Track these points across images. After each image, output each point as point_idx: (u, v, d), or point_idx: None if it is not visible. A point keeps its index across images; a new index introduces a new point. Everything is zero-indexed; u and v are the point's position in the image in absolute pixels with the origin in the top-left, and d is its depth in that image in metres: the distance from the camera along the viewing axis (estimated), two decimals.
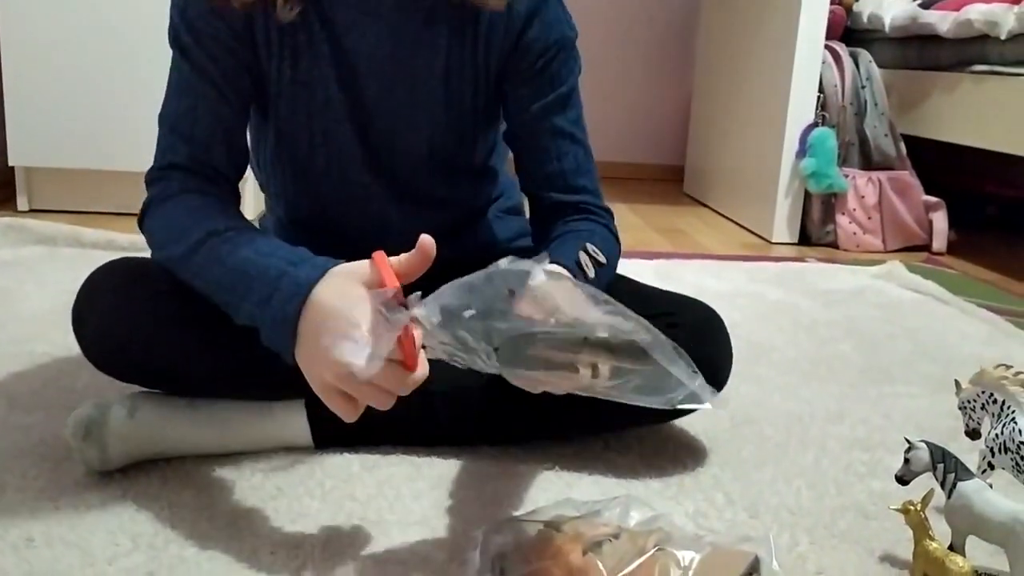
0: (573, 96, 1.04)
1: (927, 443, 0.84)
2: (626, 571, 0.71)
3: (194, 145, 0.96)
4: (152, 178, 0.97)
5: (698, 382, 0.70)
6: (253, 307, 0.83)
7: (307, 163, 1.04)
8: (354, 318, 0.75)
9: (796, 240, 2.48)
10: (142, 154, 1.04)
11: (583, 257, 0.95)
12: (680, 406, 0.71)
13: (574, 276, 0.91)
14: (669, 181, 3.52)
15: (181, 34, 0.95)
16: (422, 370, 0.76)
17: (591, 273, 0.94)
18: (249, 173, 1.10)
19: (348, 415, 0.78)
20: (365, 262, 0.80)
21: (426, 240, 0.78)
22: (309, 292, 0.80)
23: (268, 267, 0.84)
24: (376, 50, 0.98)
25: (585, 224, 1.03)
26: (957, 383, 0.96)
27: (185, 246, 0.89)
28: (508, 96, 1.03)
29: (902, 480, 0.85)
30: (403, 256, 0.79)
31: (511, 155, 1.11)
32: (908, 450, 0.85)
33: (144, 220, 0.97)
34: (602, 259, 0.97)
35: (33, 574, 0.77)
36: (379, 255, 0.80)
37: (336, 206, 1.09)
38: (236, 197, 1.01)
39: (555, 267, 0.84)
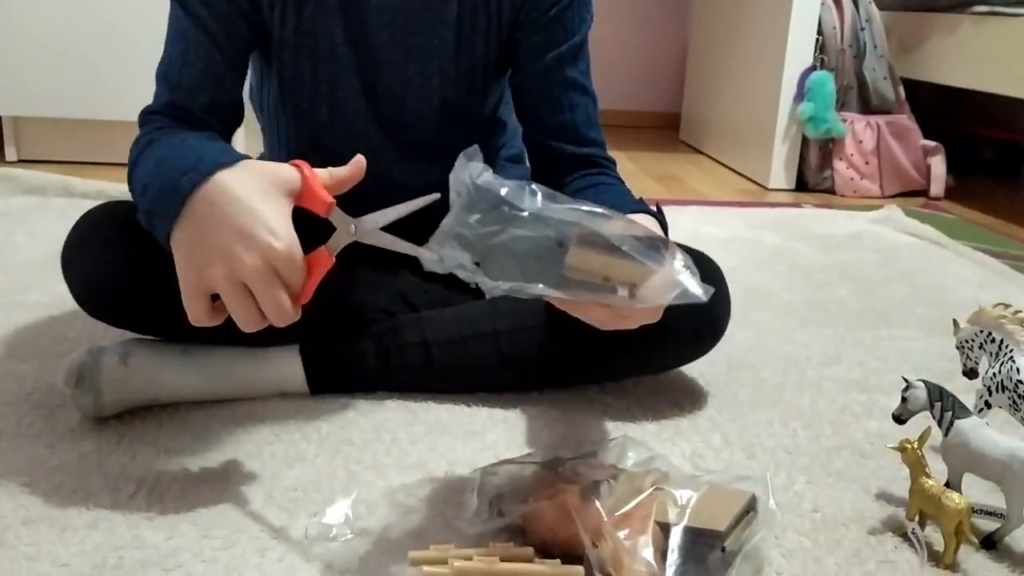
0: (584, 47, 1.03)
1: (924, 382, 0.84)
2: (623, 510, 0.71)
3: (179, 92, 0.94)
4: (139, 124, 0.95)
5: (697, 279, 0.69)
6: (151, 176, 0.78)
7: (310, 113, 1.02)
8: (268, 220, 0.71)
9: (793, 186, 2.46)
10: (133, 103, 1.01)
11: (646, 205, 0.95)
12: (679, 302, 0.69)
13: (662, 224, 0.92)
14: (665, 128, 3.48)
15: None
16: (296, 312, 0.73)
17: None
18: (248, 115, 1.08)
19: (202, 318, 0.74)
20: (289, 167, 0.76)
21: (360, 159, 0.77)
22: (214, 171, 0.74)
23: (185, 152, 0.79)
24: (386, 0, 0.96)
25: (606, 178, 1.02)
26: (955, 322, 0.96)
27: (135, 153, 0.87)
28: (520, 45, 1.01)
29: (899, 419, 0.85)
30: (332, 169, 0.76)
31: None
32: (905, 389, 0.85)
33: (130, 171, 0.95)
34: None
35: (31, 520, 0.77)
36: (303, 164, 0.75)
37: (338, 157, 1.07)
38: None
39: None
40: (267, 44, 0.98)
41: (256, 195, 0.73)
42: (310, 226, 0.77)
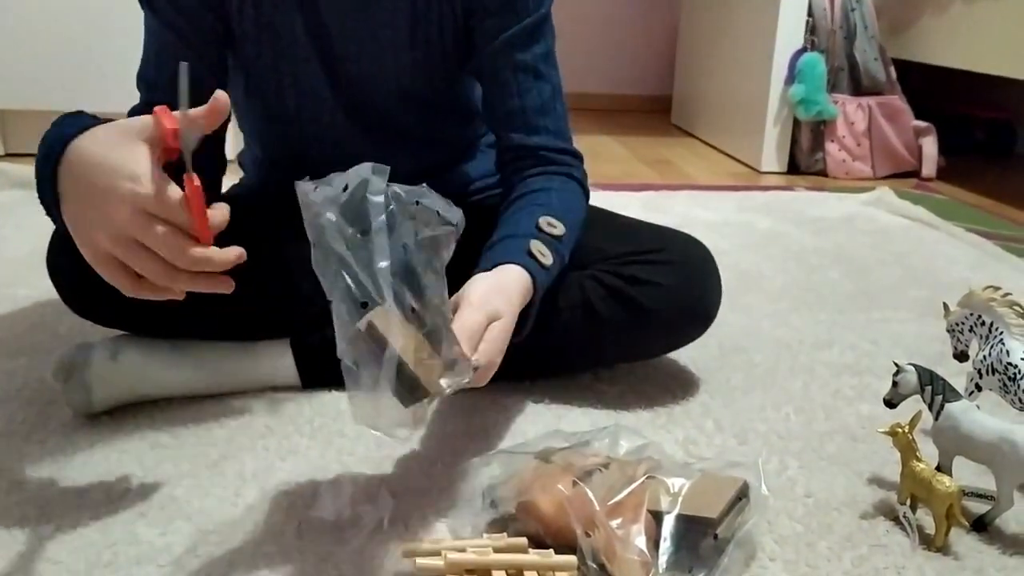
0: (542, 28, 0.99)
1: (915, 366, 0.84)
2: (616, 499, 0.71)
3: (155, 91, 0.94)
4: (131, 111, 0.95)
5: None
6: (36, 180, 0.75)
7: (277, 106, 1.02)
8: (126, 168, 0.67)
9: (785, 169, 2.46)
10: (122, 96, 1.00)
11: (536, 246, 0.88)
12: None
13: (533, 274, 0.86)
14: (657, 112, 3.48)
15: None
16: (224, 253, 0.68)
17: (547, 260, 0.89)
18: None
19: (127, 287, 0.70)
20: (145, 116, 0.72)
21: (220, 95, 0.69)
22: (66, 145, 0.71)
23: (55, 133, 0.75)
24: None
25: (542, 181, 0.98)
26: (945, 306, 0.96)
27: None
28: (475, 30, 0.99)
29: (890, 403, 0.86)
30: (192, 109, 0.70)
31: None
32: (896, 373, 0.85)
33: None
34: (560, 231, 0.92)
35: (26, 517, 0.77)
36: (160, 108, 0.71)
37: (311, 147, 1.06)
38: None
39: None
40: (231, 38, 0.97)
41: (111, 152, 0.70)
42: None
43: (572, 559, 0.69)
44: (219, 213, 0.68)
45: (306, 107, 1.01)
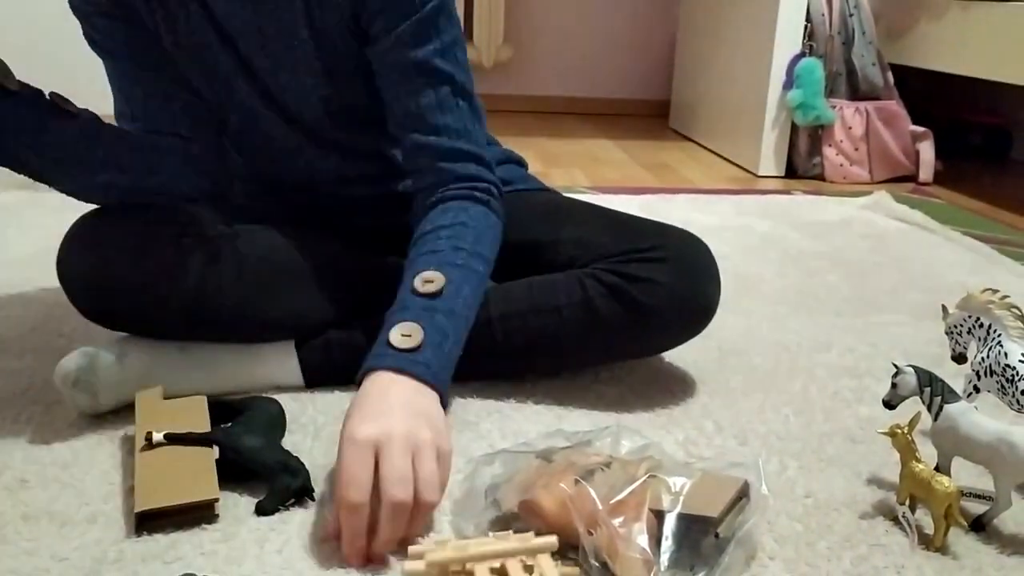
0: (435, 22, 0.93)
1: (914, 367, 0.85)
2: (618, 498, 0.72)
3: (143, 122, 0.95)
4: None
5: None
6: None
7: (227, 124, 1.02)
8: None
9: (783, 173, 2.47)
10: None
11: (399, 330, 0.84)
12: None
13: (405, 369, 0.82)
14: (654, 116, 3.49)
15: (81, 23, 0.98)
16: None
17: (412, 343, 0.83)
18: None
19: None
20: None
21: None
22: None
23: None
24: (239, 11, 0.94)
25: (437, 215, 0.93)
26: (944, 308, 0.97)
27: None
28: (368, 31, 0.95)
29: (889, 404, 0.86)
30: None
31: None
32: (895, 374, 0.86)
33: None
34: (435, 286, 0.87)
35: (29, 515, 0.77)
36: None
37: (264, 161, 1.07)
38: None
39: None
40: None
41: None
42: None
43: (552, 539, 0.69)
44: None
45: (248, 122, 1.03)
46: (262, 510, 0.79)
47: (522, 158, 1.27)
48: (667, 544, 0.70)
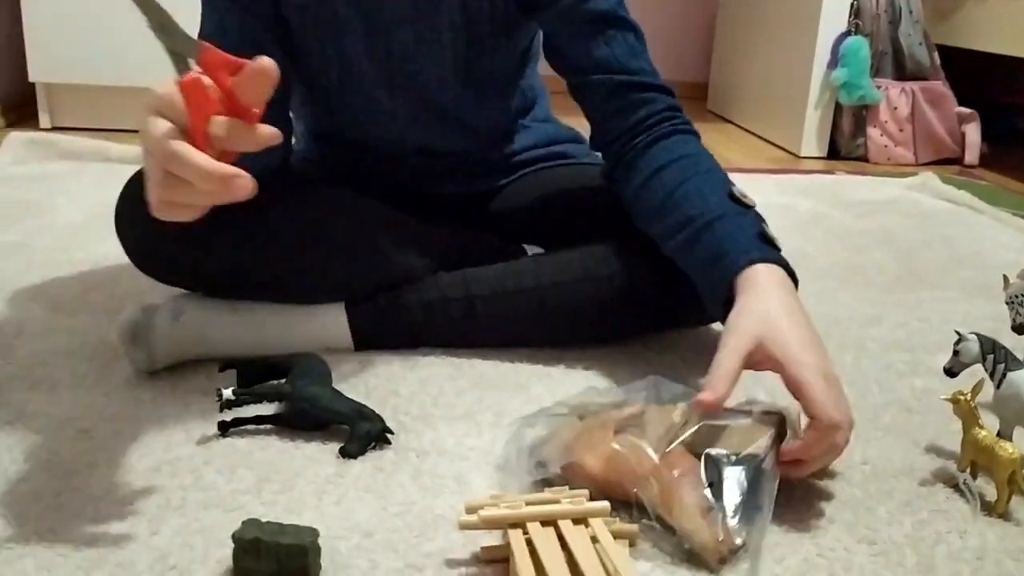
0: None
1: (977, 334, 0.84)
2: (669, 449, 0.71)
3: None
4: None
5: None
6: None
7: (321, 80, 1.02)
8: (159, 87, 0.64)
9: (825, 154, 2.44)
10: (166, 69, 1.02)
11: (759, 227, 0.91)
12: None
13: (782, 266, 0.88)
14: (693, 99, 3.46)
15: None
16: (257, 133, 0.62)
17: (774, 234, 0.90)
18: None
19: (152, 201, 0.64)
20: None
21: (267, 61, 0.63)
22: None
23: None
24: None
25: (680, 139, 0.98)
26: (1005, 278, 0.95)
27: None
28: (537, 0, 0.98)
29: (951, 372, 0.85)
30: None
31: (542, 61, 1.09)
32: (958, 342, 0.84)
33: None
34: (750, 200, 0.93)
35: (95, 464, 0.79)
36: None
37: (353, 123, 1.07)
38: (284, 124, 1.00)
39: None
40: (279, 10, 0.98)
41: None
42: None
43: (604, 505, 0.69)
44: (264, 130, 0.63)
45: (348, 82, 1.02)
46: (347, 453, 0.81)
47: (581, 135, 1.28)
48: (730, 488, 0.69)
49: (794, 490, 0.79)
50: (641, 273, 1.01)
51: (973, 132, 2.44)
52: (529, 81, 1.17)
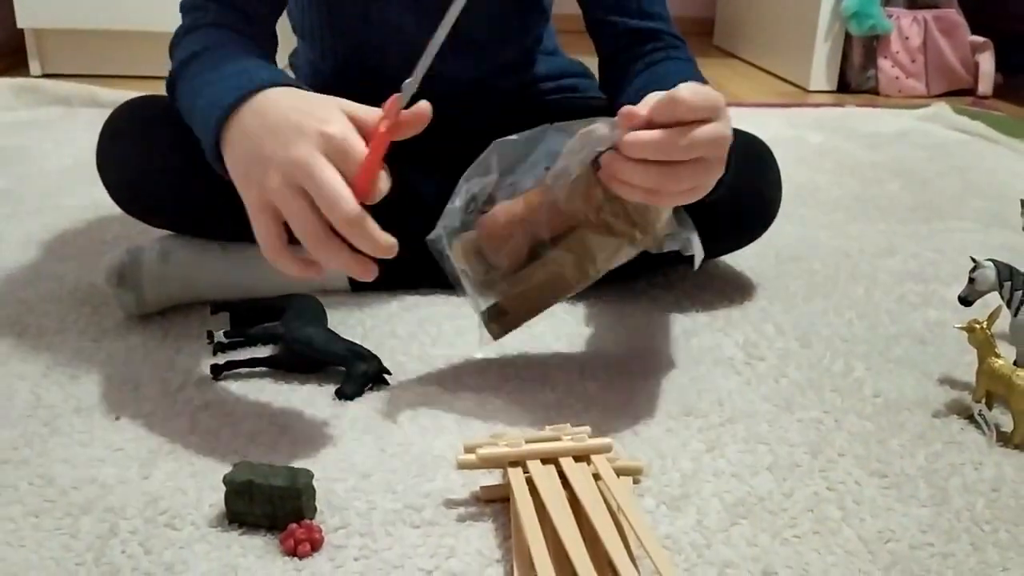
0: None
1: (994, 261, 0.81)
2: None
3: (207, 11, 0.90)
4: (187, 5, 0.92)
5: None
6: (202, 101, 0.73)
7: (346, 8, 0.98)
8: (320, 111, 0.64)
9: (835, 87, 2.38)
10: (160, 12, 0.97)
11: None
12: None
13: None
14: (698, 34, 3.37)
15: None
16: (375, 192, 0.62)
17: None
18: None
19: (274, 245, 0.66)
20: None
21: (424, 106, 0.66)
22: (262, 87, 0.69)
23: (241, 63, 0.76)
24: None
25: (672, 54, 0.96)
26: (1022, 202, 0.92)
27: (178, 60, 0.84)
28: None
29: (966, 300, 0.82)
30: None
31: None
32: (973, 269, 0.81)
33: (173, 51, 0.92)
34: None
35: (82, 409, 0.77)
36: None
37: (374, 52, 1.03)
38: (271, 41, 0.95)
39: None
40: None
41: (309, 99, 0.68)
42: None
43: (607, 441, 0.67)
44: (385, 182, 0.64)
45: (373, 6, 0.97)
46: (343, 395, 0.79)
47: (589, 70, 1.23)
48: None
49: (801, 423, 0.77)
50: None
51: (987, 62, 2.37)
52: (548, 6, 1.13)
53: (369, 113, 0.66)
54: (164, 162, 0.91)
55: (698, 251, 0.75)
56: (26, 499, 0.65)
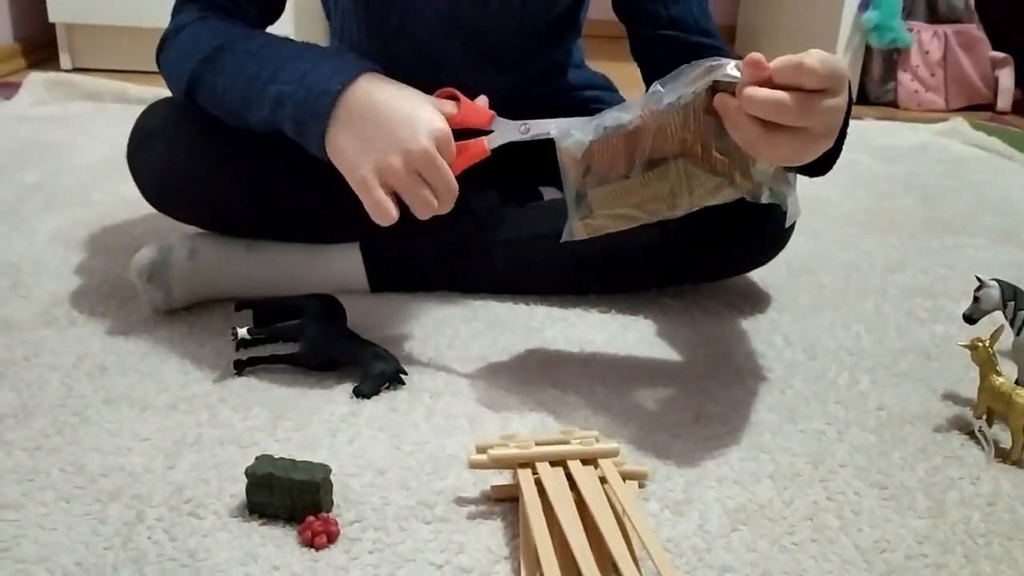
0: None
1: (998, 281, 0.82)
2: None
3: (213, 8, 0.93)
4: (172, 13, 0.95)
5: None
6: (283, 84, 0.81)
7: (382, 21, 1.00)
8: (428, 106, 0.78)
9: (854, 99, 2.38)
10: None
11: None
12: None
13: None
14: None
15: None
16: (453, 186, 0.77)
17: None
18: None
19: (384, 215, 0.77)
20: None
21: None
22: (363, 71, 0.79)
23: (311, 49, 0.83)
24: None
25: None
26: None
27: (204, 53, 0.87)
28: None
29: (970, 319, 0.84)
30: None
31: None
32: (978, 288, 0.83)
33: (159, 58, 0.95)
34: None
35: (111, 400, 0.80)
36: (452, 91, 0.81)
37: (408, 66, 1.05)
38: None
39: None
40: None
41: (409, 92, 0.79)
42: None
43: (614, 446, 0.69)
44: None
45: (410, 24, 0.99)
46: (361, 393, 0.82)
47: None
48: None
49: (804, 434, 0.79)
50: (663, 226, 0.99)
51: (1007, 77, 2.37)
52: (582, 21, 1.15)
53: (443, 107, 0.81)
54: (194, 161, 0.94)
55: (793, 209, 0.76)
56: (58, 485, 0.68)
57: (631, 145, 0.74)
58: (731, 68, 0.69)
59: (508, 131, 0.82)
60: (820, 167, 0.78)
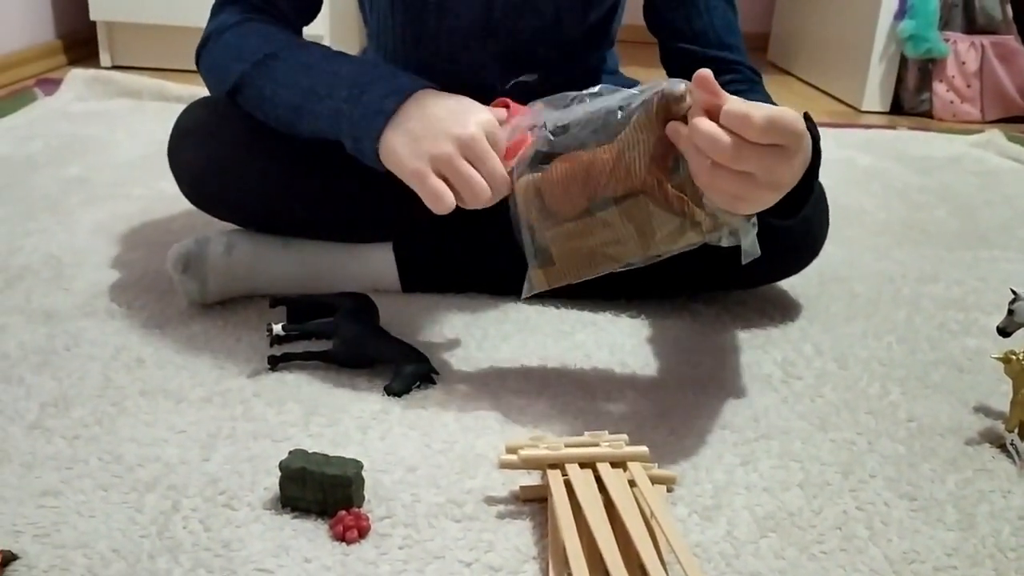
0: None
1: None
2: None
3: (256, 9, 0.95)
4: (212, 12, 0.97)
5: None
6: (340, 101, 0.83)
7: (418, 25, 1.01)
8: (476, 105, 0.80)
9: (888, 109, 2.37)
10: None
11: None
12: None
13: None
14: (753, 49, 3.35)
15: None
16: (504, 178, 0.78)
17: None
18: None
19: (440, 201, 0.77)
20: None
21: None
22: (416, 89, 0.81)
23: (365, 68, 0.85)
24: None
25: (750, 98, 0.98)
26: None
27: (255, 57, 0.89)
28: None
29: (1004, 332, 0.83)
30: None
31: None
32: (1013, 301, 0.82)
33: (201, 56, 0.97)
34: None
35: (148, 392, 0.81)
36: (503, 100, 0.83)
37: (446, 71, 1.06)
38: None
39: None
40: None
41: (455, 96, 0.82)
42: None
43: (644, 449, 0.69)
44: None
45: (445, 33, 1.00)
46: (392, 391, 0.83)
47: None
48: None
49: (834, 443, 0.79)
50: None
51: None
52: (615, 30, 1.15)
53: (495, 113, 0.83)
54: (233, 160, 0.96)
55: (752, 250, 0.76)
56: (96, 473, 0.70)
57: (587, 176, 0.75)
58: (676, 85, 0.70)
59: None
60: (784, 212, 0.77)
